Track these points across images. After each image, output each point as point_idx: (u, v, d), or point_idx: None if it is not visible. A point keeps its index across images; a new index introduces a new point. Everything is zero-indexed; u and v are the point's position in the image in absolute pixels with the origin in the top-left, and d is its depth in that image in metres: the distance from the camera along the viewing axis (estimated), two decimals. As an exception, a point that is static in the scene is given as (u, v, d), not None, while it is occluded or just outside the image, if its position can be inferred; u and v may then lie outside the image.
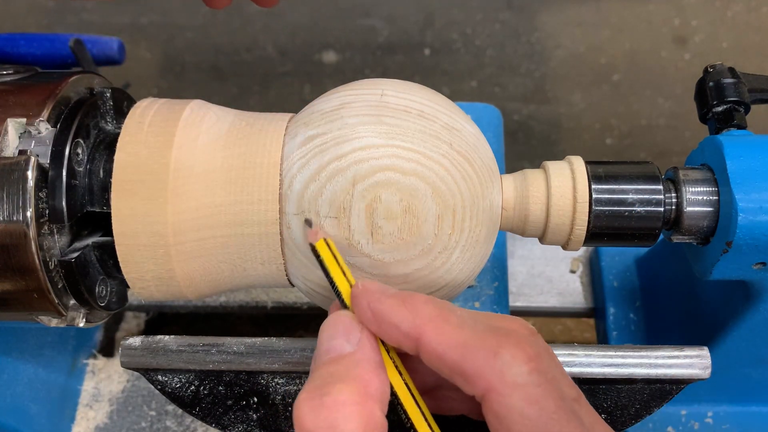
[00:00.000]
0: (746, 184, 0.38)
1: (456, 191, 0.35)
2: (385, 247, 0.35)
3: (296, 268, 0.37)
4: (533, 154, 0.95)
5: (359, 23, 0.94)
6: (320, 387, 0.29)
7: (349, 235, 0.34)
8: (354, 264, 0.35)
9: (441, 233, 0.35)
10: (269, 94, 0.96)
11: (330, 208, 0.34)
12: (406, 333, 0.30)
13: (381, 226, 0.34)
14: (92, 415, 0.58)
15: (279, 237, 0.36)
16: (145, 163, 0.36)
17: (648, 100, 0.94)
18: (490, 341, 0.29)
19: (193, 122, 0.37)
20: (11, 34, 0.57)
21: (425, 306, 0.31)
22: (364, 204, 0.34)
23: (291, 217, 0.35)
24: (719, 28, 0.92)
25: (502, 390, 0.29)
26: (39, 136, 0.36)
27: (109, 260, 0.39)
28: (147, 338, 0.39)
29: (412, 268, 0.35)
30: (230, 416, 0.39)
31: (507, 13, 0.93)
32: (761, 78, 0.45)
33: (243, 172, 0.36)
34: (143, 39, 0.95)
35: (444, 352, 0.30)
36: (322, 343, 0.32)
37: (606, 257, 0.61)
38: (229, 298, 0.63)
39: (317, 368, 0.31)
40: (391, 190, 0.34)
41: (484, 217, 0.37)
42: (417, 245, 0.35)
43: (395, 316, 0.31)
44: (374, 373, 0.30)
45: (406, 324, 0.30)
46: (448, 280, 0.37)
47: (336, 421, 0.28)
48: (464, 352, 0.29)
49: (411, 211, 0.34)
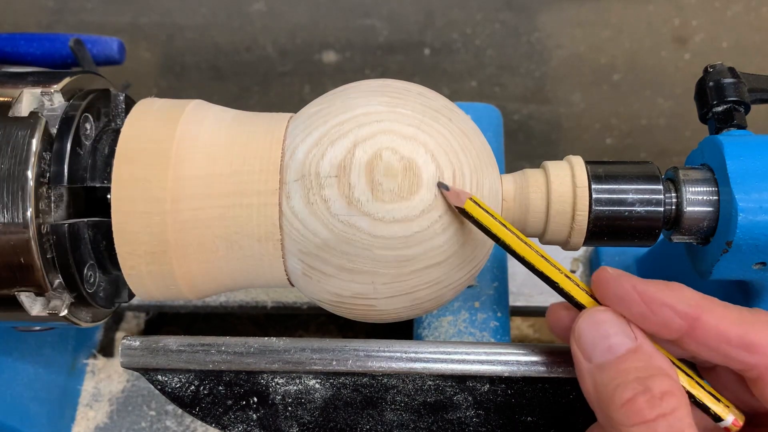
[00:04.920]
0: (746, 184, 0.38)
1: (455, 159, 0.36)
2: (386, 206, 0.35)
3: (293, 242, 0.36)
4: (533, 154, 0.95)
5: (359, 23, 0.93)
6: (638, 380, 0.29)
7: (349, 193, 0.35)
8: (354, 224, 0.35)
9: (441, 195, 0.35)
10: (269, 94, 0.96)
11: (330, 168, 0.35)
12: (683, 312, 0.31)
13: (381, 183, 0.34)
14: (92, 415, 0.58)
15: (278, 209, 0.36)
16: (150, 134, 0.37)
17: (648, 100, 0.94)
18: (761, 316, 0.31)
19: (200, 109, 0.39)
20: (11, 34, 0.57)
21: (687, 289, 0.31)
22: (364, 161, 0.35)
23: (291, 185, 0.36)
24: (719, 28, 0.92)
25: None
26: (51, 107, 0.37)
27: (102, 241, 0.38)
28: (147, 338, 0.39)
29: (413, 231, 0.35)
30: (230, 416, 0.39)
31: (507, 13, 0.93)
32: (761, 78, 0.45)
33: (246, 146, 0.37)
34: (143, 39, 0.94)
35: (727, 327, 0.30)
36: (597, 345, 0.31)
37: (606, 257, 0.61)
38: (229, 298, 0.63)
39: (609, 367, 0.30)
40: (392, 149, 0.35)
41: (487, 194, 0.37)
42: (417, 205, 0.35)
43: (669, 297, 0.31)
44: (667, 362, 0.31)
45: (683, 304, 0.31)
46: (450, 253, 0.36)
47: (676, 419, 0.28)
48: (746, 326, 0.30)
49: (411, 170, 0.35)
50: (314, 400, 0.39)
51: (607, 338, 0.31)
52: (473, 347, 0.38)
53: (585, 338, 0.32)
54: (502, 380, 0.38)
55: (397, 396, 0.39)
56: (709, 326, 0.31)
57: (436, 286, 0.37)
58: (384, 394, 0.39)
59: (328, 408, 0.39)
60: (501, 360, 0.38)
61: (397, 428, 0.39)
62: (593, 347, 0.31)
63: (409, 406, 0.39)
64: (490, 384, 0.38)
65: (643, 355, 0.31)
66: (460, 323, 0.50)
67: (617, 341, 0.31)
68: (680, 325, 0.31)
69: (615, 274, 0.32)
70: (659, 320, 0.31)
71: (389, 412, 0.39)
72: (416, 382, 0.38)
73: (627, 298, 0.32)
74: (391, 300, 0.37)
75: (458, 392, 0.38)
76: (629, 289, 0.32)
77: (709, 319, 0.31)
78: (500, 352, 0.38)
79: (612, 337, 0.31)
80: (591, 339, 0.32)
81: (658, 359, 0.31)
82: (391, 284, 0.36)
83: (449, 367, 0.38)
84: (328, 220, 0.35)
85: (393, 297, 0.37)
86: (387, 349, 0.38)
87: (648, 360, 0.30)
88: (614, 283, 0.32)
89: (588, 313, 0.33)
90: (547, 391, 0.38)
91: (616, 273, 0.32)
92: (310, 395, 0.39)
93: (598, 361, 0.31)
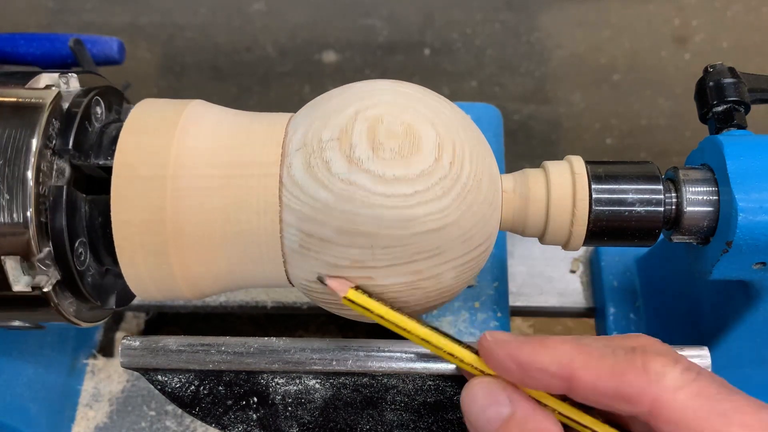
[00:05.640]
0: (746, 184, 0.38)
1: (456, 134, 0.36)
2: (386, 163, 0.35)
3: (292, 212, 0.36)
4: (533, 154, 0.95)
5: (359, 23, 0.93)
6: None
7: (350, 152, 0.35)
8: (354, 182, 0.35)
9: (441, 159, 0.35)
10: (269, 94, 0.96)
11: (332, 133, 0.35)
12: (556, 374, 0.31)
13: (382, 143, 0.35)
14: (92, 415, 0.58)
15: (278, 179, 0.36)
16: (157, 114, 0.38)
17: (648, 100, 0.94)
18: (636, 360, 0.30)
19: (203, 105, 0.40)
20: (11, 34, 0.57)
21: (563, 344, 0.31)
22: (366, 126, 0.35)
23: (293, 154, 0.36)
24: (719, 28, 0.92)
25: (668, 397, 0.29)
26: (67, 90, 0.39)
27: (98, 217, 0.38)
28: (147, 338, 0.39)
29: (414, 189, 0.35)
30: (230, 416, 0.39)
31: (507, 13, 0.93)
32: (761, 78, 0.45)
33: (250, 125, 0.38)
34: (143, 39, 0.94)
35: (598, 383, 0.30)
36: (478, 419, 0.32)
37: (606, 257, 0.61)
38: (229, 298, 0.63)
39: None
40: (394, 115, 0.36)
41: (487, 172, 0.37)
42: (417, 165, 0.35)
43: (541, 361, 0.31)
44: (547, 420, 0.31)
45: (555, 366, 0.31)
46: (450, 220, 0.36)
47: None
48: (618, 378, 0.30)
49: (412, 133, 0.35)
50: (314, 400, 0.39)
51: (484, 412, 0.32)
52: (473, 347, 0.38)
53: (468, 415, 0.33)
54: (502, 380, 0.38)
55: (397, 396, 0.39)
56: (584, 383, 0.31)
57: (437, 258, 0.36)
58: (384, 394, 0.39)
59: (328, 408, 0.39)
60: (501, 360, 0.38)
61: (397, 428, 0.39)
62: (477, 424, 0.32)
63: (409, 406, 0.39)
64: (490, 384, 0.38)
65: (518, 422, 0.31)
66: (460, 323, 0.50)
67: (492, 413, 0.32)
68: (558, 384, 0.31)
69: (493, 341, 0.32)
70: (539, 384, 0.32)
71: (389, 412, 0.39)
72: (416, 382, 0.38)
73: (504, 366, 0.32)
74: (389, 270, 0.36)
75: (458, 392, 0.38)
76: (504, 358, 0.32)
77: (582, 376, 0.31)
78: (500, 352, 0.38)
79: (487, 410, 0.32)
80: (473, 415, 0.32)
81: (535, 421, 0.31)
82: (390, 249, 0.35)
83: (449, 367, 0.38)
84: (328, 180, 0.35)
85: (392, 266, 0.36)
86: (387, 349, 0.38)
87: (524, 425, 0.31)
88: (492, 352, 0.32)
89: (465, 389, 0.33)
90: (547, 391, 0.38)
91: (494, 340, 0.32)
92: (310, 395, 0.39)
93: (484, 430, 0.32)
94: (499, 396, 0.32)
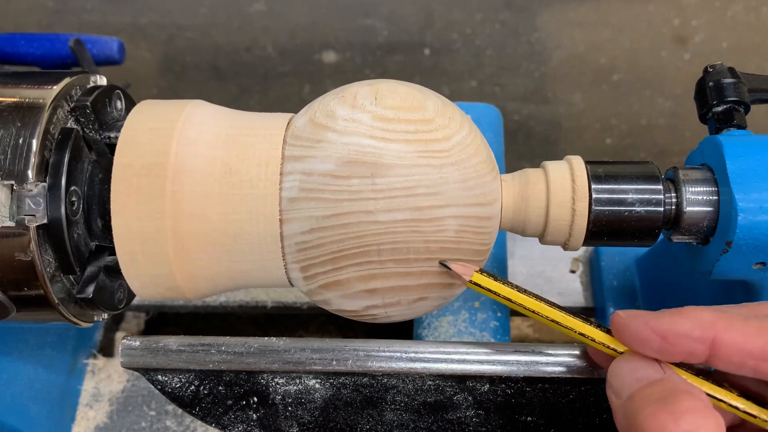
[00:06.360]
0: (746, 184, 0.38)
1: (455, 117, 0.38)
2: (388, 108, 0.36)
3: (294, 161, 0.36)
4: (533, 154, 0.95)
5: (359, 23, 0.93)
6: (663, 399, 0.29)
7: (353, 101, 0.37)
8: (356, 119, 0.36)
9: (441, 114, 0.37)
10: (269, 94, 0.96)
11: (335, 98, 0.38)
12: (699, 339, 0.31)
13: (385, 95, 0.37)
14: (92, 415, 0.58)
15: (282, 138, 0.37)
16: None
17: (648, 100, 0.94)
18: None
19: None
20: (11, 34, 0.57)
21: (702, 311, 0.31)
22: (369, 87, 0.38)
23: (297, 119, 0.38)
24: (719, 28, 0.92)
25: None
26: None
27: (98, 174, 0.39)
28: (147, 338, 0.39)
29: (414, 128, 0.36)
30: (230, 416, 0.39)
31: (507, 13, 0.93)
32: (761, 78, 0.45)
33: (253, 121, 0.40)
34: (143, 39, 0.94)
35: (746, 343, 0.30)
36: (626, 379, 0.32)
37: (606, 257, 0.61)
38: (229, 298, 0.63)
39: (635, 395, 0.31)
40: (395, 87, 0.38)
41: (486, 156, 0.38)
42: (418, 111, 0.37)
43: (682, 326, 0.31)
44: (694, 387, 0.31)
45: (698, 330, 0.31)
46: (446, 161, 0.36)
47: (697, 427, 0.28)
48: (766, 337, 0.30)
49: (413, 97, 0.37)
50: (314, 400, 0.39)
51: (634, 373, 0.32)
52: (473, 347, 0.38)
53: (615, 380, 0.33)
54: (502, 380, 0.38)
55: (397, 396, 0.39)
56: (730, 344, 0.30)
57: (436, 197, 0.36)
58: (384, 394, 0.39)
59: (328, 408, 0.39)
60: (501, 360, 0.38)
61: (397, 428, 0.39)
62: (622, 385, 0.32)
63: (409, 406, 0.39)
64: (490, 384, 0.38)
65: (669, 381, 0.31)
66: (460, 323, 0.50)
67: (644, 374, 0.32)
68: (702, 350, 0.31)
69: (627, 316, 0.33)
70: (680, 351, 0.31)
71: (389, 412, 0.39)
72: (416, 382, 0.38)
73: (644, 337, 0.32)
74: (389, 202, 0.35)
75: (458, 392, 0.38)
76: (644, 329, 0.32)
77: (728, 338, 0.30)
78: (500, 352, 0.38)
79: (639, 371, 0.32)
80: (620, 379, 0.32)
81: (686, 384, 0.31)
82: (389, 178, 0.35)
83: (449, 367, 0.38)
84: (329, 123, 0.36)
85: (391, 198, 0.35)
86: (387, 349, 0.38)
87: (674, 385, 0.31)
88: (629, 326, 0.32)
89: (615, 361, 0.33)
90: (547, 391, 0.38)
91: (628, 315, 0.33)
92: (310, 395, 0.39)
93: (627, 393, 0.31)
94: (652, 363, 0.32)
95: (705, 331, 0.31)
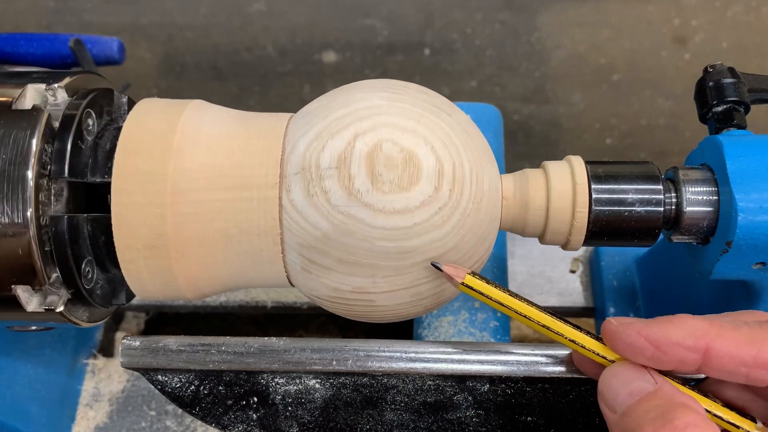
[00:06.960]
0: (746, 184, 0.38)
1: (455, 152, 0.36)
2: (386, 197, 0.35)
3: (293, 236, 0.36)
4: (533, 154, 0.95)
5: (359, 23, 0.93)
6: (661, 416, 0.29)
7: (349, 184, 0.35)
8: (354, 215, 0.35)
9: (441, 188, 0.35)
10: (269, 94, 0.96)
11: (331, 160, 0.35)
12: (691, 347, 0.31)
13: (381, 174, 0.35)
14: (92, 415, 0.58)
15: (278, 202, 0.36)
16: (152, 128, 0.37)
17: (648, 100, 0.94)
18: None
19: (201, 106, 0.39)
20: (11, 34, 0.57)
21: (693, 319, 0.31)
22: (365, 153, 0.35)
23: (291, 178, 0.36)
24: (719, 28, 0.92)
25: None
26: (55, 102, 0.38)
27: (101, 236, 0.38)
28: (147, 338, 0.39)
29: (413, 221, 0.35)
30: (230, 416, 0.39)
31: (507, 13, 0.93)
32: (761, 78, 0.45)
33: (247, 140, 0.37)
34: (143, 39, 0.94)
35: (737, 351, 0.30)
36: (619, 393, 0.32)
37: (606, 257, 0.61)
38: (229, 298, 0.63)
39: (631, 412, 0.30)
40: (392, 141, 0.35)
41: (487, 189, 0.37)
42: (417, 197, 0.35)
43: (674, 335, 0.31)
44: (689, 398, 0.31)
45: (690, 339, 0.31)
46: (449, 246, 0.36)
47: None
48: (759, 345, 0.30)
49: (411, 161, 0.35)
50: (314, 400, 0.39)
51: (627, 386, 0.32)
52: (473, 347, 0.38)
53: (608, 393, 0.32)
54: (502, 380, 0.38)
55: (397, 396, 0.39)
56: (722, 353, 0.30)
57: (437, 280, 0.37)
58: (384, 394, 0.39)
59: (328, 408, 0.39)
60: (501, 360, 0.38)
61: (397, 428, 0.39)
62: (616, 398, 0.32)
63: (409, 406, 0.39)
64: (490, 384, 0.38)
65: (664, 394, 0.31)
66: (460, 323, 0.50)
67: (637, 387, 0.31)
68: (694, 358, 0.31)
69: (619, 324, 0.32)
70: (673, 360, 0.31)
71: (389, 412, 0.39)
72: (416, 382, 0.38)
73: (637, 345, 0.32)
74: (390, 295, 0.37)
75: (458, 392, 0.38)
76: (636, 337, 0.32)
77: (720, 346, 0.30)
78: (500, 352, 0.38)
79: (632, 384, 0.32)
80: (613, 392, 0.32)
81: (681, 396, 0.31)
82: (390, 278, 0.36)
83: (449, 367, 0.38)
84: (328, 212, 0.35)
85: (393, 291, 0.37)
86: (387, 349, 0.38)
87: (669, 398, 0.31)
88: (621, 334, 0.32)
89: (606, 370, 0.33)
90: (547, 391, 0.38)
91: (619, 323, 0.32)
92: (310, 395, 0.39)
93: (622, 409, 0.31)
94: (644, 374, 0.32)
95: (698, 340, 0.31)
